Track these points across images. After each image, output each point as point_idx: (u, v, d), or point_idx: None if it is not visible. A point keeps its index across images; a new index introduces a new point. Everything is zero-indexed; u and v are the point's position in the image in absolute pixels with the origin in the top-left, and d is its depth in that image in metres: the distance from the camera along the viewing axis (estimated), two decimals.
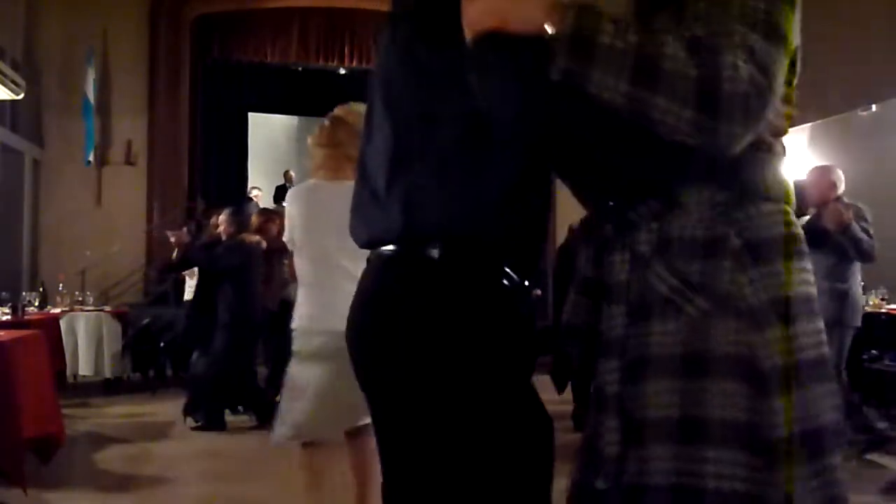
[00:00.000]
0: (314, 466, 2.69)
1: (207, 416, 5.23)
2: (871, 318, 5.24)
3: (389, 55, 1.20)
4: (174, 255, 5.87)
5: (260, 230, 5.67)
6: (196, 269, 6.01)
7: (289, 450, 4.58)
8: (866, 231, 4.28)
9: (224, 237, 5.46)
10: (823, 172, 4.51)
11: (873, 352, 4.93)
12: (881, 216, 4.59)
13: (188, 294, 6.72)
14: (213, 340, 5.27)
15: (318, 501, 2.68)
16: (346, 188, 2.58)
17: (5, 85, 7.63)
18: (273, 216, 5.90)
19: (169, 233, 6.00)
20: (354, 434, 2.61)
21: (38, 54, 9.67)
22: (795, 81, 1.14)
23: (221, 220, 5.55)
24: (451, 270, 1.13)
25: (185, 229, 7.22)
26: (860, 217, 4.30)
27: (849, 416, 4.29)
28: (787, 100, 1.11)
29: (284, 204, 2.86)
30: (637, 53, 0.95)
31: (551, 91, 1.01)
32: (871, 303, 5.45)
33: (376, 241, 1.21)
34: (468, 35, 1.05)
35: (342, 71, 12.29)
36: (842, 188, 4.37)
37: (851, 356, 4.47)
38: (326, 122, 2.66)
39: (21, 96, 8.05)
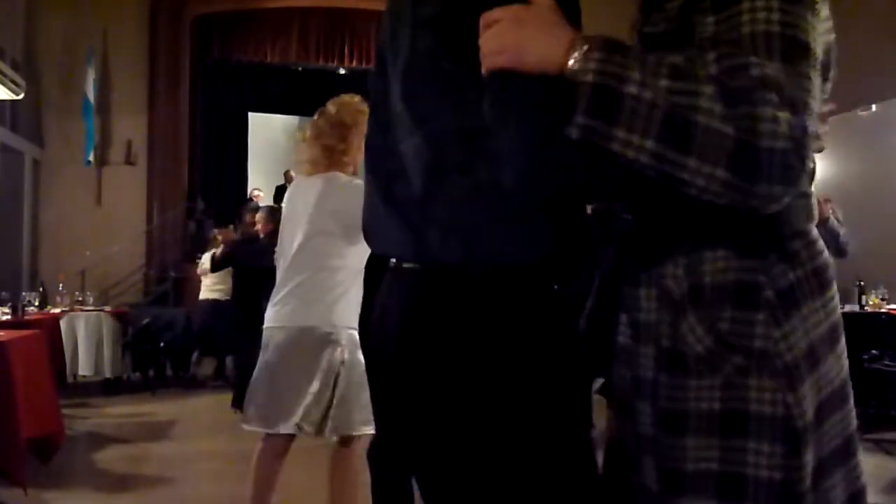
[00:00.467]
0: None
1: None
2: (872, 318, 5.24)
3: (411, 65, 1.09)
4: (218, 251, 5.96)
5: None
6: (210, 268, 6.16)
7: (289, 450, 4.59)
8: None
9: (262, 235, 5.52)
10: None
11: (873, 352, 4.93)
12: (881, 216, 4.60)
13: (204, 293, 6.77)
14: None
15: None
16: (317, 181, 2.63)
17: (5, 85, 7.64)
18: (276, 216, 6.02)
19: (216, 231, 6.11)
20: (347, 442, 2.62)
21: (38, 54, 9.67)
22: (830, 86, 1.06)
23: (259, 218, 5.60)
24: (497, 289, 1.05)
25: (230, 227, 7.33)
26: (833, 213, 4.34)
27: None
28: (822, 118, 1.03)
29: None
30: (667, 107, 0.86)
31: (566, 149, 0.92)
32: (870, 303, 5.45)
33: (405, 256, 1.12)
34: (483, 71, 0.96)
35: (342, 71, 12.29)
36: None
37: (850, 356, 4.47)
38: (314, 121, 2.71)
39: (21, 96, 8.05)
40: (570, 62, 0.91)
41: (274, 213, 6.05)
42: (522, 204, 1.03)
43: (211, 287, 6.94)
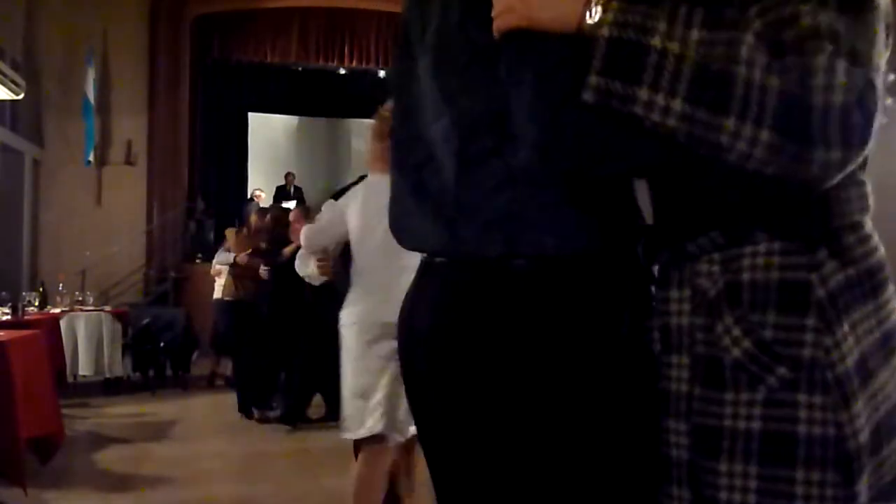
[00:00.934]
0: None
1: (290, 408, 5.35)
2: None
3: (441, 37, 1.00)
4: (288, 249, 5.78)
5: (259, 231, 5.80)
6: (224, 268, 6.14)
7: (288, 450, 4.60)
8: None
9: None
10: None
11: None
12: (881, 215, 4.60)
13: (217, 293, 6.75)
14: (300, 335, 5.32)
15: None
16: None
17: (5, 85, 7.64)
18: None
19: (298, 225, 6.11)
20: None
21: (38, 54, 9.67)
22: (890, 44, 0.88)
23: (293, 217, 5.55)
24: (539, 285, 0.95)
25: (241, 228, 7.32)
26: None
27: None
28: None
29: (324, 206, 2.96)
30: (699, 59, 0.75)
31: (583, 116, 0.83)
32: None
33: (438, 250, 1.03)
34: (494, 33, 0.88)
35: (342, 71, 12.29)
36: None
37: None
38: (379, 115, 2.67)
39: (21, 96, 8.05)
40: (587, 16, 0.81)
41: (308, 212, 6.00)
42: (566, 190, 0.93)
43: (222, 287, 6.80)
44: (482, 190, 0.95)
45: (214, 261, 6.39)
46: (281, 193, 11.57)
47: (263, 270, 5.49)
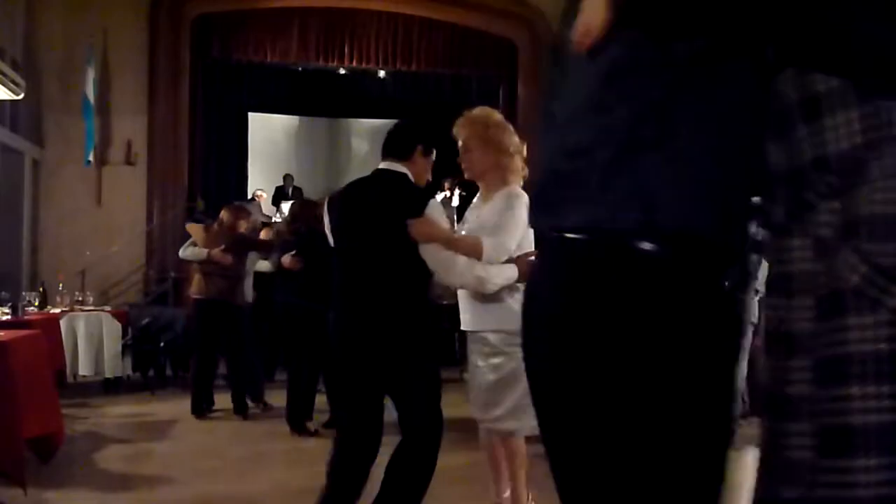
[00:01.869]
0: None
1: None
2: None
3: (613, 45, 1.05)
4: None
5: (231, 228, 5.73)
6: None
7: (288, 450, 4.60)
8: None
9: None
10: None
11: None
12: None
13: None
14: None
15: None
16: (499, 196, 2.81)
17: (5, 85, 7.64)
18: (242, 213, 5.99)
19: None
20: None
21: (38, 54, 9.67)
22: None
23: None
24: (671, 268, 1.01)
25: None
26: None
27: None
28: None
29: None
30: None
31: None
32: None
33: (575, 227, 1.07)
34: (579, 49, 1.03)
35: (342, 71, 12.30)
36: None
37: None
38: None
39: (21, 96, 8.05)
40: None
41: (237, 211, 6.07)
42: (702, 173, 1.00)
43: (195, 284, 6.59)
44: (629, 173, 1.01)
45: (183, 254, 5.99)
46: (280, 194, 11.57)
47: (292, 260, 5.10)
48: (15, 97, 7.98)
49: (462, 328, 2.95)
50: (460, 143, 2.90)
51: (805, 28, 0.99)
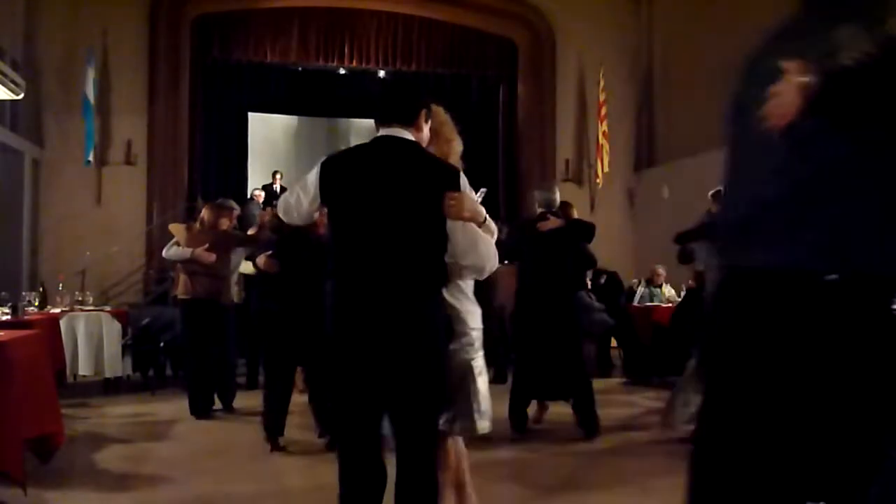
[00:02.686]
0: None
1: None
2: None
3: (801, 122, 1.32)
4: None
5: (213, 226, 5.69)
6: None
7: (289, 450, 4.59)
8: None
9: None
10: None
11: None
12: None
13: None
14: None
15: None
16: None
17: (5, 85, 7.64)
18: (224, 211, 5.91)
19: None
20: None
21: (38, 54, 9.68)
22: None
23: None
24: (852, 296, 1.35)
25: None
26: None
27: None
28: None
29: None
30: None
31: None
32: None
33: (767, 264, 1.42)
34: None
35: (342, 71, 12.30)
36: None
37: None
38: None
39: (21, 96, 8.05)
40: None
41: (219, 209, 5.91)
42: (877, 222, 1.34)
43: (181, 284, 6.15)
44: (827, 219, 1.35)
45: (166, 254, 5.89)
46: (269, 192, 11.52)
47: (267, 261, 4.79)
48: (15, 97, 7.98)
49: None
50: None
51: None
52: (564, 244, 5.12)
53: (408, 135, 2.42)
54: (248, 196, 11.13)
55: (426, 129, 2.50)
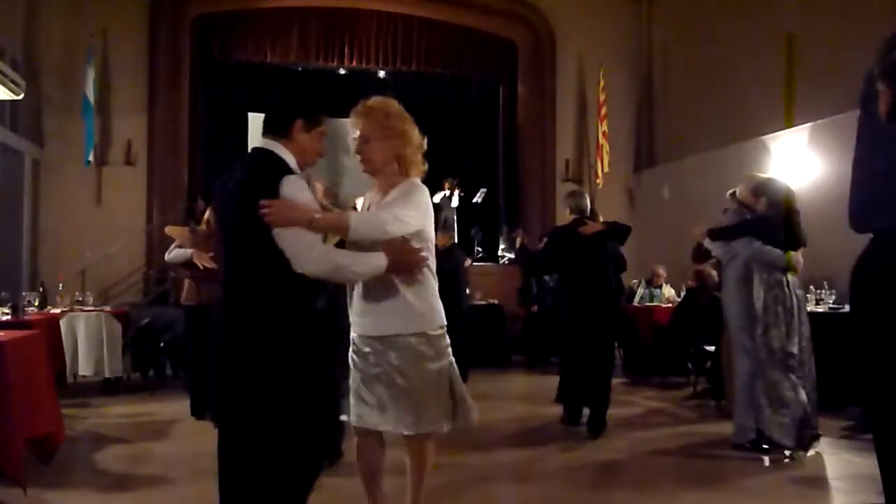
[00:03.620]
0: None
1: None
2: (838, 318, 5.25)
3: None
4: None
5: (209, 223, 5.50)
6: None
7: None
8: None
9: None
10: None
11: None
12: None
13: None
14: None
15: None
16: None
17: (5, 85, 7.64)
18: None
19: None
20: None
21: (38, 54, 9.68)
22: None
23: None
24: None
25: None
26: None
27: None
28: None
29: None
30: None
31: None
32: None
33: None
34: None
35: (342, 71, 12.29)
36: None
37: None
38: None
39: (21, 96, 8.05)
40: None
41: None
42: None
43: (187, 290, 6.12)
44: None
45: (168, 258, 5.86)
46: None
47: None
48: (15, 97, 7.98)
49: (364, 333, 2.66)
50: (357, 133, 2.67)
51: None
52: (605, 247, 5.26)
53: (277, 146, 2.41)
54: None
55: (305, 138, 2.44)
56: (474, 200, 11.88)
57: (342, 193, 14.56)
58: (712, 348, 6.05)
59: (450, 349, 2.70)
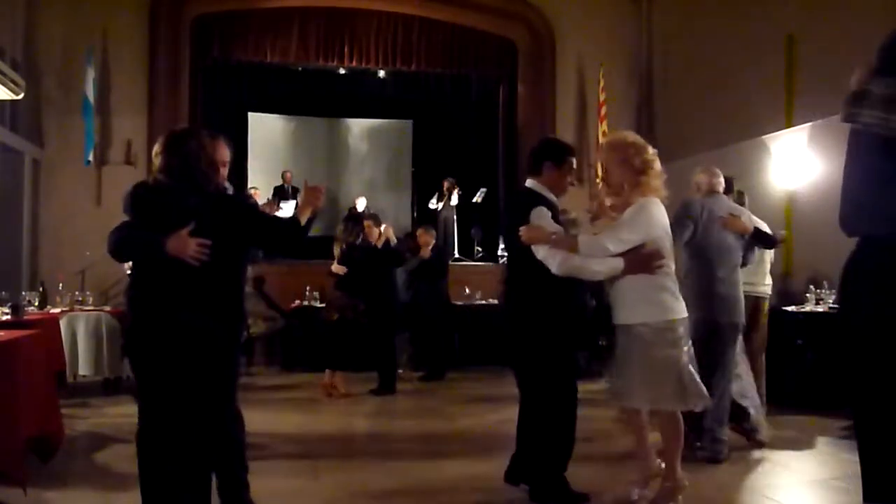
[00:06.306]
0: None
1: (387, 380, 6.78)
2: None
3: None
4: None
5: None
6: None
7: (288, 452, 4.59)
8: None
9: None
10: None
11: None
12: None
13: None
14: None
15: None
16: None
17: (5, 85, 7.63)
18: None
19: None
20: None
21: (38, 54, 9.67)
22: None
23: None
24: None
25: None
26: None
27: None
28: None
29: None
30: None
31: None
32: None
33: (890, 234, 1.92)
34: None
35: (342, 71, 12.29)
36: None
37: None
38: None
39: (21, 96, 8.04)
40: None
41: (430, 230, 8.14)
42: None
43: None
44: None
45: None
46: (279, 192, 11.56)
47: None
48: (15, 97, 7.98)
49: (616, 322, 3.43)
50: (600, 165, 3.43)
51: None
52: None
53: (533, 182, 3.76)
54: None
55: (555, 174, 3.74)
56: (474, 200, 11.87)
57: (341, 191, 14.50)
58: None
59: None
